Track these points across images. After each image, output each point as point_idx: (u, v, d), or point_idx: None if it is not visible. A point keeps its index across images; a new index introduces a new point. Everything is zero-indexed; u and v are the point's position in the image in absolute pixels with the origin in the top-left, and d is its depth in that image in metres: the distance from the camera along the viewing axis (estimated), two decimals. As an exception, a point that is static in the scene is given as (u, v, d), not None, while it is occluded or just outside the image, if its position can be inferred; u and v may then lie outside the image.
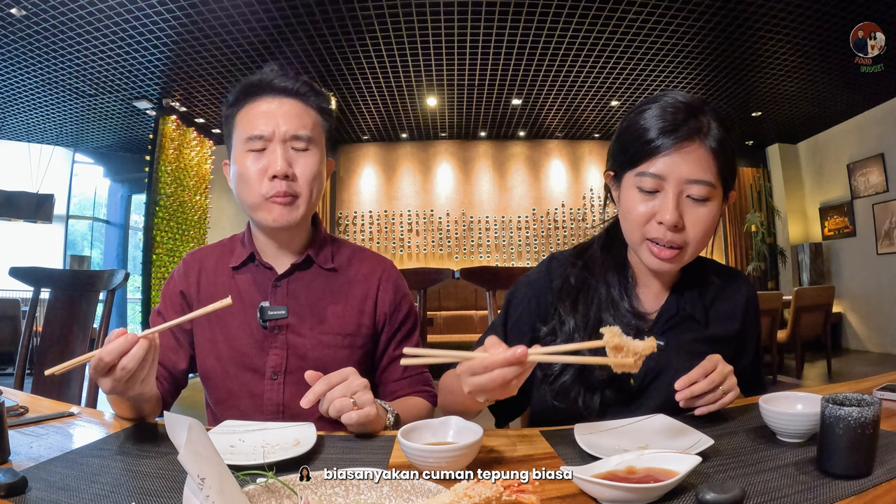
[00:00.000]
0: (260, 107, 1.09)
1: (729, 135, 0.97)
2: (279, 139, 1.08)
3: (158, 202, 6.43)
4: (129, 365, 0.78)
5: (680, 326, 1.04)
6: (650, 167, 0.95)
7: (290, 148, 1.09)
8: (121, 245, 8.43)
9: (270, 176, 1.06)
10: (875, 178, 6.66)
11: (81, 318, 1.66)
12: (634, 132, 0.98)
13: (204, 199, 7.37)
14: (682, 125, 0.94)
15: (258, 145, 1.08)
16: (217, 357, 1.12)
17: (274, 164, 1.06)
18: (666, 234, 0.95)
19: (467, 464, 0.73)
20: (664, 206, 0.94)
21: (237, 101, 1.12)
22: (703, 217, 0.96)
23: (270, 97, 1.10)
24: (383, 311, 1.18)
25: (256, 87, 1.11)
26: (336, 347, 1.12)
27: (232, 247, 1.20)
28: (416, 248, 8.13)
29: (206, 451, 0.54)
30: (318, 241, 1.18)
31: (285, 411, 1.09)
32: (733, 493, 0.59)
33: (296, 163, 1.09)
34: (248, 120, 1.09)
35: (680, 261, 0.98)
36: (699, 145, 0.94)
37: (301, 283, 1.15)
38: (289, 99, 1.11)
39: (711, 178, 0.94)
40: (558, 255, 1.13)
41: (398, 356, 1.18)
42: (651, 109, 0.97)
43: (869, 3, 4.27)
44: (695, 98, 0.98)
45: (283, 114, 1.09)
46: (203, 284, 1.17)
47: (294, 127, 1.09)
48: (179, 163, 6.72)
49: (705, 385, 0.87)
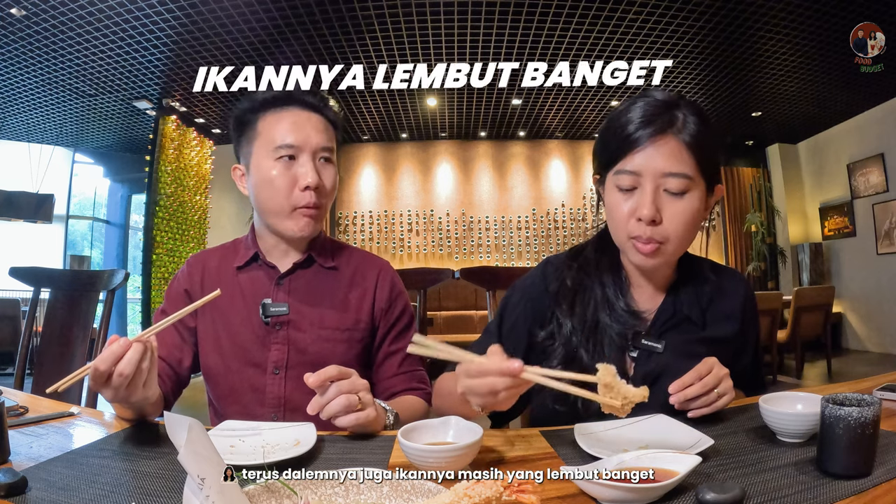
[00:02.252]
0: (290, 118, 1.13)
1: (707, 127, 0.97)
2: (310, 150, 1.12)
3: (158, 202, 6.42)
4: (125, 371, 0.78)
5: (678, 328, 1.04)
6: (626, 164, 0.96)
7: (318, 159, 1.14)
8: (121, 245, 8.43)
9: (303, 186, 1.11)
10: (875, 178, 6.66)
11: (81, 318, 1.66)
12: (613, 130, 0.99)
13: (204, 199, 7.37)
14: (655, 119, 0.95)
15: (289, 152, 1.11)
16: (220, 353, 1.15)
17: (306, 175, 1.11)
18: (646, 230, 0.95)
19: (467, 464, 0.73)
20: (641, 202, 0.95)
21: (261, 107, 1.15)
22: (682, 210, 0.95)
23: (299, 109, 1.14)
24: (380, 308, 1.21)
25: (285, 98, 1.15)
26: (335, 342, 1.15)
27: (235, 249, 1.24)
28: (416, 248, 8.13)
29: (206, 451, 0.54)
30: (319, 242, 1.22)
31: (287, 405, 1.12)
32: (733, 493, 0.59)
33: (323, 174, 1.14)
34: (277, 128, 1.13)
35: (662, 255, 0.98)
36: (672, 137, 0.94)
37: (302, 281, 1.18)
38: (315, 114, 1.16)
39: (687, 170, 0.94)
40: (553, 259, 1.13)
41: (393, 352, 1.22)
42: (628, 109, 0.98)
43: (869, 3, 4.27)
44: (672, 95, 0.99)
45: (313, 126, 1.14)
46: (206, 283, 1.19)
47: (324, 139, 1.14)
48: (179, 163, 6.72)
49: (698, 388, 0.87)
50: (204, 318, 1.18)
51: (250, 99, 1.18)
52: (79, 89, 5.87)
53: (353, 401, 0.88)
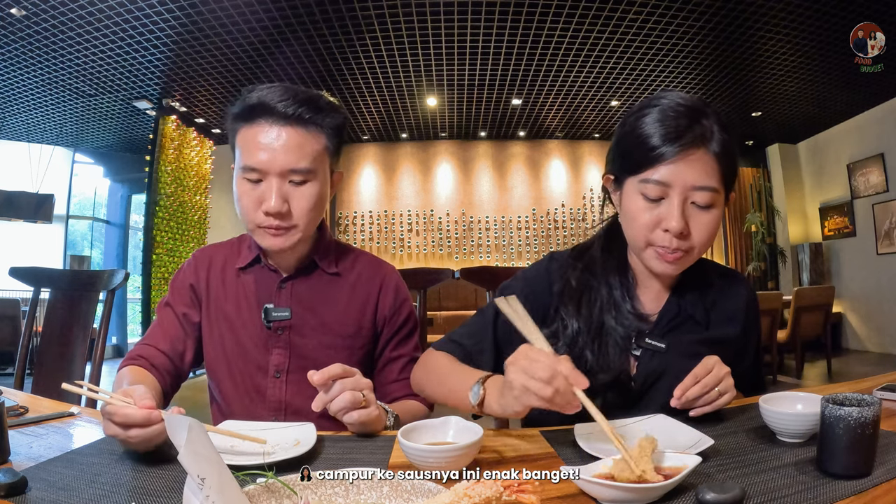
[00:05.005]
0: (258, 135, 1.03)
1: (731, 137, 0.96)
2: (275, 174, 1.03)
3: (158, 202, 6.42)
4: (134, 441, 0.75)
5: (681, 328, 1.03)
6: (654, 174, 0.94)
7: (286, 182, 1.05)
8: (121, 245, 8.43)
9: (264, 211, 1.04)
10: (875, 178, 6.66)
11: (81, 318, 1.66)
12: (636, 138, 0.96)
13: (204, 199, 7.37)
14: (685, 131, 0.92)
15: (253, 176, 1.04)
16: (223, 353, 1.15)
17: (268, 200, 1.03)
18: (672, 241, 0.94)
19: (467, 464, 0.73)
20: (670, 215, 0.93)
21: (238, 117, 1.07)
22: (708, 222, 0.95)
23: (269, 124, 1.03)
24: (383, 315, 1.19)
25: (257, 109, 1.03)
26: (337, 348, 1.14)
27: (239, 247, 1.22)
28: (416, 248, 8.13)
29: (206, 451, 0.54)
30: (322, 246, 1.19)
31: (287, 408, 1.12)
32: (733, 493, 0.59)
33: (292, 197, 1.05)
34: (245, 146, 1.05)
35: (684, 264, 0.98)
36: (704, 152, 0.93)
37: (305, 286, 1.16)
38: (289, 127, 1.03)
39: (715, 183, 0.94)
40: (558, 256, 1.12)
41: (394, 358, 1.21)
42: (652, 114, 0.95)
43: (869, 3, 4.27)
44: (696, 100, 0.96)
45: (281, 146, 1.02)
46: (212, 282, 1.19)
47: (293, 160, 1.03)
48: (179, 163, 6.72)
49: (698, 389, 0.87)
50: (208, 316, 1.17)
51: (237, 102, 1.08)
52: (79, 89, 5.87)
53: (358, 398, 0.88)
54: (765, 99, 6.49)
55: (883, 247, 6.60)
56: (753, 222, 7.70)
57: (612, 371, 0.99)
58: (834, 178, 7.35)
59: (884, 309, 6.56)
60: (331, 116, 1.08)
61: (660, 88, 6.18)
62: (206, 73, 5.62)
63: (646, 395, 1.01)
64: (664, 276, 1.03)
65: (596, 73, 5.85)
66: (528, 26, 4.85)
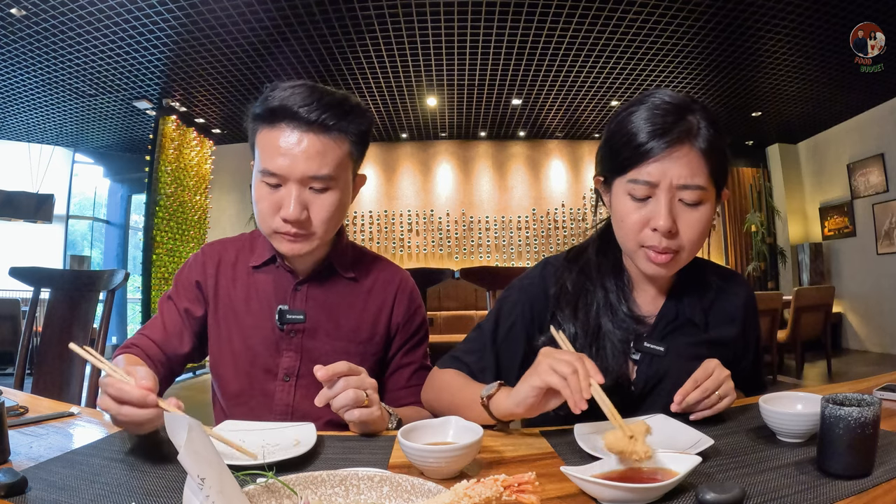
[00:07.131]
0: (279, 139, 0.99)
1: (720, 133, 0.94)
2: (295, 180, 1.00)
3: (158, 202, 6.42)
4: (124, 418, 0.76)
5: (679, 331, 1.03)
6: (641, 174, 0.93)
7: (306, 189, 1.02)
8: (121, 245, 8.43)
9: (283, 217, 1.01)
10: (875, 178, 6.66)
11: (81, 318, 1.66)
12: (623, 136, 0.95)
13: (204, 199, 7.37)
14: (671, 128, 0.91)
15: (272, 181, 1.01)
16: (231, 353, 1.12)
17: (287, 206, 1.00)
18: (661, 240, 0.93)
19: (467, 464, 0.73)
20: (657, 213, 0.93)
21: (259, 118, 1.03)
22: (697, 220, 0.94)
23: (291, 129, 0.99)
24: (397, 321, 1.19)
25: (278, 112, 1.00)
26: (350, 354, 1.11)
27: (253, 244, 1.19)
28: (416, 248, 8.13)
29: (206, 451, 0.54)
30: (339, 249, 1.17)
31: (294, 413, 1.10)
32: (733, 493, 0.59)
33: (312, 204, 1.03)
34: (265, 149, 1.01)
35: (676, 264, 0.98)
36: (690, 148, 0.92)
37: (320, 289, 1.15)
38: (311, 133, 0.99)
39: (703, 181, 0.92)
40: (552, 261, 1.12)
41: (404, 364, 1.20)
42: (639, 111, 0.95)
43: (869, 3, 4.27)
44: (683, 97, 0.96)
45: (302, 152, 0.99)
46: (221, 278, 1.16)
47: (314, 167, 1.00)
48: (179, 163, 6.72)
49: (699, 394, 0.87)
50: (216, 314, 1.14)
51: (258, 101, 1.05)
52: (79, 89, 5.87)
53: (361, 396, 0.88)
54: (765, 99, 6.49)
55: (883, 247, 6.60)
56: (753, 222, 7.70)
57: (611, 374, 0.98)
58: (834, 178, 7.35)
59: (884, 309, 6.56)
60: (356, 122, 1.04)
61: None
62: (205, 73, 5.62)
63: (646, 399, 1.01)
64: (656, 278, 1.02)
65: (596, 73, 5.85)
66: (528, 26, 4.85)
